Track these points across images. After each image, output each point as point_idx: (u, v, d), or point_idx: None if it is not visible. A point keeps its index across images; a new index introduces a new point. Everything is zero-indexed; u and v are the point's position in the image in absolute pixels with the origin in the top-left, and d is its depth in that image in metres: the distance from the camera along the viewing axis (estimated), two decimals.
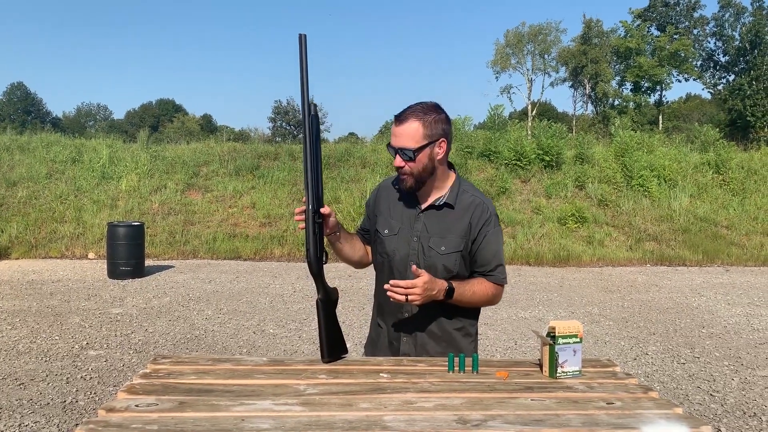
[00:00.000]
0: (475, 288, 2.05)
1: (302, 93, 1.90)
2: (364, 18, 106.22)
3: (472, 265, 2.08)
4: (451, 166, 2.13)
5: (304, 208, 1.95)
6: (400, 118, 2.00)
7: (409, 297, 1.91)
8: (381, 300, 2.17)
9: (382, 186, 2.25)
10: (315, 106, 1.92)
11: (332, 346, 1.93)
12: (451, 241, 2.04)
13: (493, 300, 2.11)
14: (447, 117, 2.05)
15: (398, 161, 2.01)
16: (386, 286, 1.94)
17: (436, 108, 2.03)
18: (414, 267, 1.95)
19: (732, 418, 4.34)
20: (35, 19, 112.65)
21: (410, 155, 1.98)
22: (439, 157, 2.03)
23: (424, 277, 1.92)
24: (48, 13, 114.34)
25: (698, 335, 6.74)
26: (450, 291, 1.98)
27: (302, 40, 1.88)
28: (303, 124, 1.92)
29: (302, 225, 1.96)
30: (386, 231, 2.13)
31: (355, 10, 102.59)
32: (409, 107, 2.03)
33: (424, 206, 2.09)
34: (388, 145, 2.05)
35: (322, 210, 1.94)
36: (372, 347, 2.23)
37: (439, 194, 2.08)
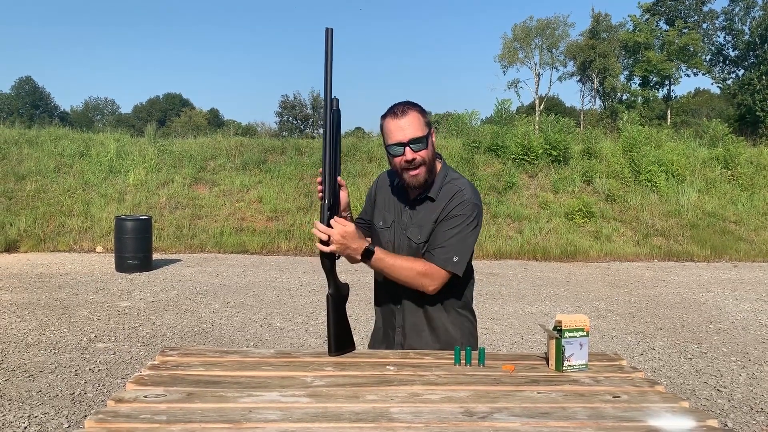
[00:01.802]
0: (400, 261, 1.98)
1: (326, 87, 1.88)
2: (370, 12, 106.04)
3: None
4: (437, 156, 2.14)
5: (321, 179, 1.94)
6: (400, 112, 1.99)
7: (330, 241, 1.89)
8: (379, 292, 2.22)
9: (381, 178, 2.27)
10: (337, 100, 1.90)
11: (340, 341, 1.94)
12: (427, 230, 2.04)
13: (421, 279, 1.97)
14: None
15: (410, 154, 1.97)
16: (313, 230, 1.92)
17: (416, 102, 2.06)
18: (336, 218, 1.91)
19: (739, 413, 4.33)
20: (43, 14, 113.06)
21: (424, 143, 1.98)
22: (434, 146, 2.08)
23: (348, 228, 1.89)
24: (55, 8, 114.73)
25: (706, 331, 6.72)
26: (368, 252, 1.93)
27: (328, 34, 1.86)
28: (324, 118, 1.91)
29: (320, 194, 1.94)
30: (381, 223, 2.17)
31: (360, 4, 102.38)
32: (396, 104, 2.03)
33: (411, 199, 2.11)
34: (391, 145, 2.00)
35: (337, 180, 1.94)
36: (373, 339, 2.28)
37: (425, 186, 2.08)
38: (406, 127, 1.97)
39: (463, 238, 2.01)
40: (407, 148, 1.97)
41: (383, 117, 2.04)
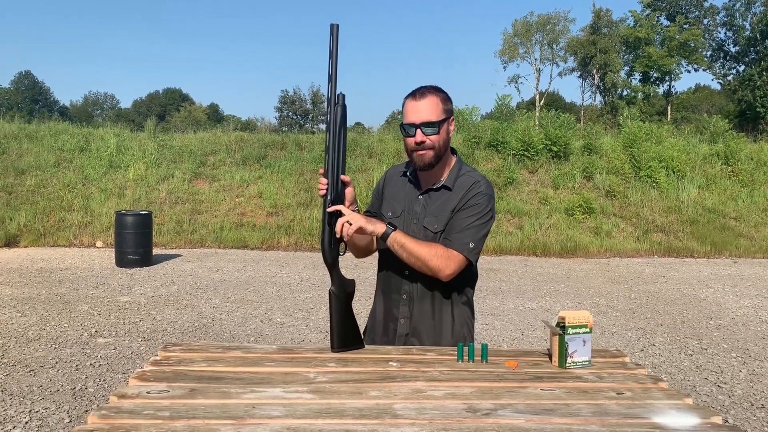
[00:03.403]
0: (419, 242, 1.99)
1: (329, 84, 1.88)
2: (370, 7, 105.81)
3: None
4: (453, 151, 2.16)
5: (327, 181, 1.95)
6: (419, 94, 2.03)
7: (349, 221, 1.90)
8: (383, 283, 2.21)
9: (389, 172, 2.29)
10: (343, 96, 1.91)
11: (343, 337, 1.93)
12: (444, 219, 2.06)
13: (438, 262, 1.97)
14: (450, 98, 2.11)
15: (420, 136, 2.00)
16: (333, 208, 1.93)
17: (441, 88, 2.09)
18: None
19: (739, 409, 4.33)
20: (42, 9, 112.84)
21: (435, 129, 2.00)
22: (451, 134, 2.09)
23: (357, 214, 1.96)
24: (54, 2, 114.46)
25: (706, 327, 6.72)
26: (389, 227, 1.96)
27: (334, 30, 1.86)
28: (328, 114, 1.91)
29: (323, 191, 1.95)
30: (390, 213, 2.17)
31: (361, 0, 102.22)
32: (421, 86, 2.06)
33: (424, 189, 2.12)
34: (405, 124, 2.03)
35: (342, 177, 1.95)
36: (371, 332, 2.25)
37: (441, 177, 2.11)
38: (422, 110, 2.01)
39: (480, 228, 2.04)
40: (418, 130, 2.01)
41: (406, 96, 2.07)
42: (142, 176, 13.74)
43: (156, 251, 10.38)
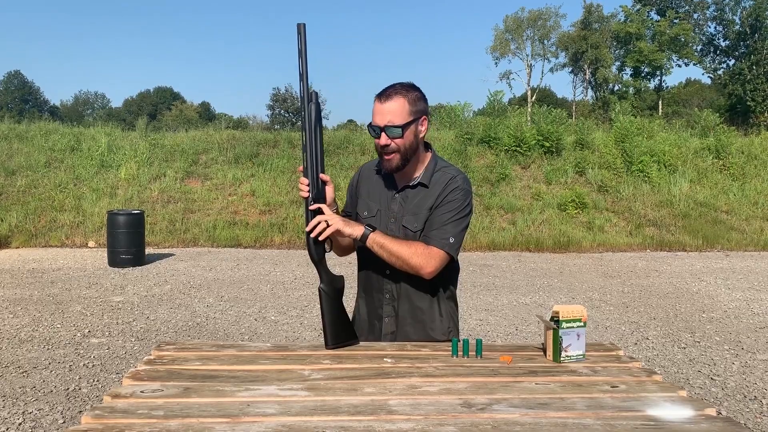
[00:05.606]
0: (399, 241, 1.98)
1: (301, 82, 1.90)
2: (363, 4, 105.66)
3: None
4: (427, 146, 2.14)
5: (308, 181, 1.95)
6: (384, 96, 1.98)
7: (328, 221, 1.92)
8: (364, 282, 2.19)
9: (363, 169, 2.26)
10: (316, 94, 1.92)
11: (336, 333, 1.93)
12: (423, 217, 2.04)
13: (419, 260, 1.95)
14: (425, 95, 2.06)
15: (384, 140, 1.98)
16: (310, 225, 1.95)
17: (415, 86, 2.05)
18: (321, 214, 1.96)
19: (733, 401, 4.36)
20: (32, 7, 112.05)
21: (398, 132, 1.97)
22: (421, 135, 2.05)
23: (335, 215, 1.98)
24: (45, 1, 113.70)
25: (698, 320, 6.76)
26: (368, 228, 1.96)
27: (301, 29, 1.88)
28: (302, 113, 1.92)
29: (305, 193, 1.96)
30: (366, 213, 2.15)
31: None
32: (390, 86, 2.02)
33: (400, 187, 2.10)
34: (370, 125, 2.01)
35: (321, 176, 1.95)
36: (356, 331, 2.23)
37: (415, 174, 2.09)
38: (386, 113, 1.97)
39: (458, 223, 2.03)
40: (382, 133, 1.98)
41: (375, 96, 2.04)
42: (134, 175, 13.67)
43: (149, 251, 10.34)
